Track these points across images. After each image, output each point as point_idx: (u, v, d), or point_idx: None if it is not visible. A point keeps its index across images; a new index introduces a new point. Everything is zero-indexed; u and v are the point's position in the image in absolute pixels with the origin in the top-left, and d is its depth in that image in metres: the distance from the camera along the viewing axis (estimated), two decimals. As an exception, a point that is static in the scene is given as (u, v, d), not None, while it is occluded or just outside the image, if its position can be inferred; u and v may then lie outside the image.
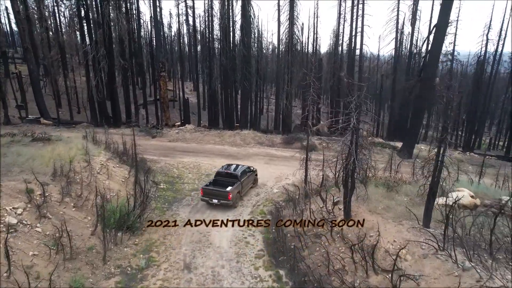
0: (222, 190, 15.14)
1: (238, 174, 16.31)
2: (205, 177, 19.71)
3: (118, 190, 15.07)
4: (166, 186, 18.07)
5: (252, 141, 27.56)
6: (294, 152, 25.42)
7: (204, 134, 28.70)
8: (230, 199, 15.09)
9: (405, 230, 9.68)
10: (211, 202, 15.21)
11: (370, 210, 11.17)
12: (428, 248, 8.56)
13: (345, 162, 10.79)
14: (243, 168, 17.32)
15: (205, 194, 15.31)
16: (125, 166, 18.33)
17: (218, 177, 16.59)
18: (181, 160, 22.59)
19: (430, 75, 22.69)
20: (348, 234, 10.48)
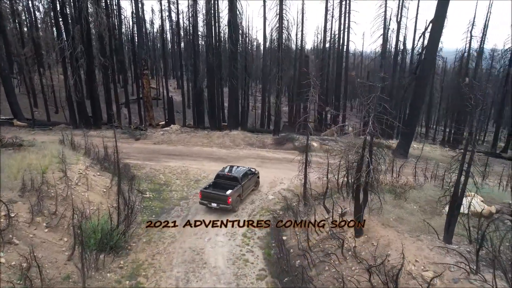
0: (221, 194, 14.31)
1: (239, 176, 15.43)
2: (194, 183, 18.34)
3: (99, 203, 13.54)
4: (153, 195, 16.60)
5: (242, 142, 26.29)
6: (286, 154, 24.47)
7: (191, 136, 27.21)
8: (230, 203, 14.24)
9: (426, 247, 8.67)
10: (210, 206, 14.49)
11: (383, 224, 10.14)
12: (458, 271, 7.56)
13: (356, 172, 9.68)
14: (244, 170, 16.38)
15: (203, 197, 14.60)
16: (107, 173, 16.76)
17: (218, 179, 15.79)
18: (167, 164, 21.10)
19: (426, 72, 21.99)
20: (361, 252, 9.40)
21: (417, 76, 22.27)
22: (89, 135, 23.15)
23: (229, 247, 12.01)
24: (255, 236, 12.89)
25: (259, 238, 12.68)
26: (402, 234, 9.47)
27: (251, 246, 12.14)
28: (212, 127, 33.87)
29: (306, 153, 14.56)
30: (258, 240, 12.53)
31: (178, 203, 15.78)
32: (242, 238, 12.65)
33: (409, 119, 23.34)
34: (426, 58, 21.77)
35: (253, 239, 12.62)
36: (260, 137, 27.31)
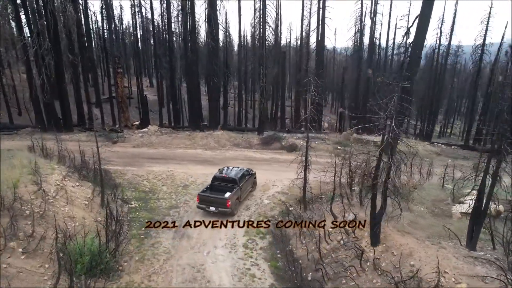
0: (220, 197, 13.80)
1: (237, 178, 14.85)
2: (182, 189, 17.15)
3: (82, 218, 12.12)
4: (139, 204, 15.27)
5: (227, 143, 25.24)
6: (275, 154, 23.73)
7: (173, 137, 25.80)
8: (229, 207, 13.66)
9: (452, 256, 8.18)
10: (208, 209, 13.89)
11: (398, 230, 9.59)
12: (493, 283, 7.08)
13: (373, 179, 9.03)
14: (242, 171, 15.76)
15: (201, 201, 14.01)
16: (87, 183, 15.24)
17: (215, 181, 15.20)
18: (150, 169, 19.70)
19: (413, 69, 21.90)
20: (381, 263, 8.78)
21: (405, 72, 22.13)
22: (61, 139, 21.11)
23: (232, 261, 11.07)
24: (257, 246, 12.02)
25: (262, 249, 11.82)
26: (422, 241, 8.96)
27: (255, 258, 11.26)
28: (192, 126, 32.51)
29: (306, 154, 13.81)
30: (261, 251, 11.67)
31: (168, 213, 14.58)
32: (244, 250, 11.74)
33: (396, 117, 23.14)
34: (413, 55, 21.67)
35: (255, 250, 11.74)
36: (246, 137, 26.36)
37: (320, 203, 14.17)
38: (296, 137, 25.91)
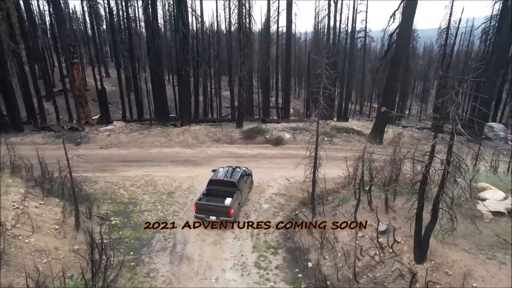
0: (221, 205, 12.30)
1: (235, 181, 13.32)
2: (167, 197, 15.04)
3: (54, 248, 9.74)
4: (120, 220, 13.00)
5: (207, 138, 23.14)
6: (260, 149, 22.11)
7: (145, 135, 23.15)
8: (232, 215, 12.22)
9: (518, 273, 7.18)
10: (208, 219, 12.35)
11: (441, 242, 8.45)
12: None
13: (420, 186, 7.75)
14: (240, 171, 14.14)
15: (199, 211, 12.37)
16: (53, 199, 12.64)
17: (212, 186, 13.50)
18: (125, 174, 17.24)
19: (400, 53, 21.18)
20: (435, 286, 7.59)
21: (392, 57, 21.36)
22: (11, 142, 17.83)
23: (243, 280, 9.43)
24: (271, 265, 10.46)
25: (278, 268, 10.28)
26: (475, 255, 7.93)
27: (273, 281, 9.70)
28: (161, 120, 29.80)
29: (316, 150, 12.28)
30: (278, 271, 10.13)
31: (158, 229, 12.49)
32: (258, 271, 10.13)
33: (384, 103, 22.52)
34: (400, 38, 20.88)
35: (271, 271, 10.18)
36: (226, 131, 24.37)
37: (330, 206, 12.86)
38: (279, 129, 24.42)
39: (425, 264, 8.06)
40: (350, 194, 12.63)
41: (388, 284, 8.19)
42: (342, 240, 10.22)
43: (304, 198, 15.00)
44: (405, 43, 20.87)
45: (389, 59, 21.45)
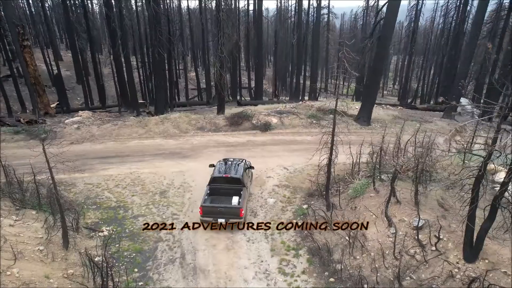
0: (230, 206, 11.23)
1: (240, 177, 12.11)
2: (160, 197, 13.52)
3: (44, 277, 8.07)
4: (112, 229, 11.38)
5: (190, 127, 21.40)
6: (249, 136, 20.88)
7: (119, 126, 20.89)
8: (242, 216, 11.15)
9: None
10: (216, 222, 11.19)
11: (489, 238, 7.95)
12: None
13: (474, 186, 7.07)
14: (242, 165, 12.94)
15: (206, 214, 11.16)
16: (29, 212, 10.76)
17: (215, 184, 12.16)
18: (107, 173, 15.33)
19: (388, 32, 20.56)
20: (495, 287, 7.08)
21: (379, 36, 20.69)
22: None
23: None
24: (296, 270, 9.57)
25: (305, 273, 9.39)
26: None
27: (305, 290, 8.83)
28: (129, 108, 27.42)
29: (332, 137, 11.28)
30: (306, 277, 9.25)
31: (158, 236, 11.09)
32: (284, 278, 9.20)
33: (370, 83, 22.03)
34: (387, 17, 20.19)
35: (298, 277, 9.28)
36: (208, 117, 22.72)
37: (345, 198, 12.10)
38: (265, 114, 23.21)
39: (477, 263, 7.54)
40: (365, 184, 11.91)
41: (438, 287, 7.60)
42: (372, 238, 9.51)
43: (310, 189, 14.21)
44: (393, 19, 20.17)
45: (378, 37, 20.73)
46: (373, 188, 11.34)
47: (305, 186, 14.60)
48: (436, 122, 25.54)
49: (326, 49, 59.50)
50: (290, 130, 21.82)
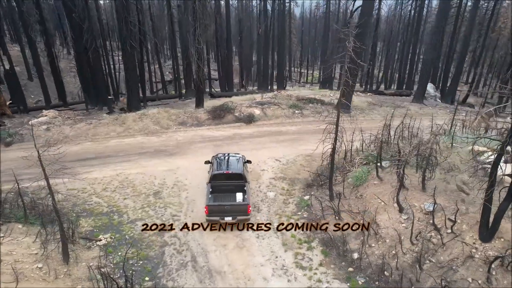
0: (237, 203, 10.86)
1: (242, 172, 11.73)
2: (154, 199, 12.83)
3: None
4: (111, 237, 10.60)
5: (171, 122, 20.52)
6: (234, 128, 20.47)
7: (94, 125, 19.52)
8: (250, 213, 10.81)
9: None
10: (223, 221, 10.77)
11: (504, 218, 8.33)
12: None
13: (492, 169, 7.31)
14: (239, 159, 12.65)
15: (212, 213, 10.71)
16: (14, 226, 9.73)
17: (216, 182, 11.63)
18: (90, 176, 14.27)
19: (366, 18, 20.86)
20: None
21: (358, 24, 20.96)
22: None
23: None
24: (313, 263, 9.46)
25: (323, 265, 9.32)
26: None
27: (326, 281, 8.76)
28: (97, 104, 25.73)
29: (337, 127, 11.24)
30: (325, 269, 9.19)
31: (163, 240, 10.51)
32: (303, 273, 9.07)
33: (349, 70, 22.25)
34: (365, 4, 20.49)
35: (317, 270, 9.18)
36: (189, 111, 21.93)
37: (348, 188, 12.17)
38: (246, 105, 22.82)
39: (493, 243, 7.90)
40: (365, 172, 12.06)
41: (458, 268, 7.88)
42: (385, 225, 9.66)
43: (307, 180, 14.21)
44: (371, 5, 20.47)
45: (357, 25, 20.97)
46: (376, 176, 11.49)
47: (301, 177, 14.57)
48: (408, 107, 26.52)
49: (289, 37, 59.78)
50: (274, 121, 21.67)
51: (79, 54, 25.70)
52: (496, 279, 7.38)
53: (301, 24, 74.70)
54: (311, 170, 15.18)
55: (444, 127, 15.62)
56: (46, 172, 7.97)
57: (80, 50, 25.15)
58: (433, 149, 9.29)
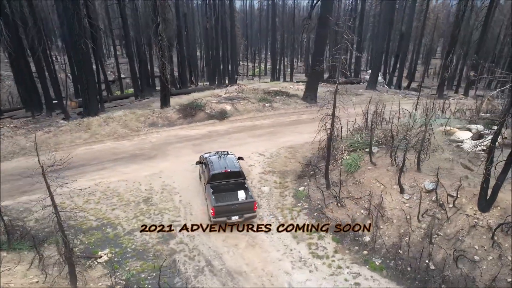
0: (243, 202, 10.72)
1: (240, 169, 11.78)
2: (146, 206, 12.13)
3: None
4: (111, 251, 9.81)
5: (140, 124, 19.40)
6: (208, 126, 20.05)
7: (53, 133, 17.71)
8: (256, 210, 10.74)
9: None
10: (230, 220, 10.54)
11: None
12: None
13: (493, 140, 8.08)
14: (232, 156, 12.67)
15: (219, 214, 10.39)
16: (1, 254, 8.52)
17: (216, 182, 11.41)
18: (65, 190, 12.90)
19: (327, 11, 21.57)
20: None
21: (319, 16, 21.61)
22: None
23: (327, 283, 8.56)
24: (328, 251, 9.70)
25: (338, 252, 9.61)
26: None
27: (345, 267, 9.05)
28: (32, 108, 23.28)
29: (333, 119, 11.53)
30: (340, 255, 9.48)
31: (170, 248, 9.97)
32: (322, 262, 9.26)
33: (314, 61, 22.99)
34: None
35: (333, 257, 9.44)
36: (158, 112, 20.89)
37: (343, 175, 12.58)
38: (215, 102, 22.37)
39: (491, 212, 8.77)
40: (356, 158, 12.58)
41: (464, 238, 8.64)
42: (389, 207, 10.21)
43: (296, 171, 14.45)
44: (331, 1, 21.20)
45: (319, 17, 21.60)
46: (370, 161, 12.05)
47: (289, 168, 14.77)
48: (365, 94, 28.12)
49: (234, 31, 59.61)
50: (246, 116, 21.58)
51: (17, 57, 22.94)
52: (499, 243, 8.22)
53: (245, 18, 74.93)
54: (296, 161, 15.49)
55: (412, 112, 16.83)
56: (50, 189, 7.04)
57: (19, 52, 22.49)
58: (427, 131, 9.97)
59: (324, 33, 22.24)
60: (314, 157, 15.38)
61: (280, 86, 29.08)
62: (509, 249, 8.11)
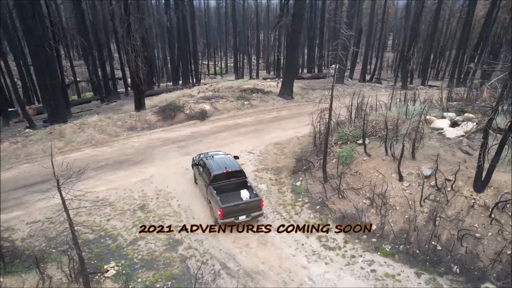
0: (250, 200, 10.59)
1: (241, 168, 11.70)
2: (143, 213, 11.64)
3: None
4: (117, 264, 9.29)
5: (118, 129, 18.46)
6: (190, 127, 19.62)
7: (22, 144, 16.33)
8: (263, 207, 10.72)
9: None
10: (238, 221, 10.43)
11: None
12: None
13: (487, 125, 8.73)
14: (230, 156, 12.53)
15: (227, 215, 10.23)
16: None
17: (217, 183, 11.14)
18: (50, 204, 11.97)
19: (301, 8, 21.92)
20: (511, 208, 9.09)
21: (293, 13, 21.90)
22: None
23: (347, 277, 8.77)
24: (339, 242, 9.93)
25: (348, 242, 9.87)
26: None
27: (359, 256, 9.33)
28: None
29: (330, 113, 11.79)
30: (351, 245, 9.74)
31: (179, 254, 9.65)
32: (336, 253, 9.47)
33: (289, 58, 23.31)
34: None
35: (345, 248, 9.68)
36: (136, 115, 19.99)
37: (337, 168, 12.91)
38: (193, 102, 21.89)
39: (486, 192, 9.47)
40: (349, 150, 12.96)
41: (464, 218, 9.27)
42: (390, 195, 10.65)
43: (288, 167, 14.60)
44: None
45: (292, 14, 21.89)
46: (364, 152, 12.47)
47: (281, 165, 14.88)
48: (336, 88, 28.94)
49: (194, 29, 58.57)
50: (227, 115, 21.37)
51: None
52: (497, 220, 8.93)
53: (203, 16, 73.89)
54: (286, 157, 15.66)
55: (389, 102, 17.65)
56: (66, 205, 6.52)
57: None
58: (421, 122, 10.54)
59: (298, 29, 22.57)
60: (304, 152, 15.65)
61: (251, 83, 29.11)
62: (507, 224, 8.83)
